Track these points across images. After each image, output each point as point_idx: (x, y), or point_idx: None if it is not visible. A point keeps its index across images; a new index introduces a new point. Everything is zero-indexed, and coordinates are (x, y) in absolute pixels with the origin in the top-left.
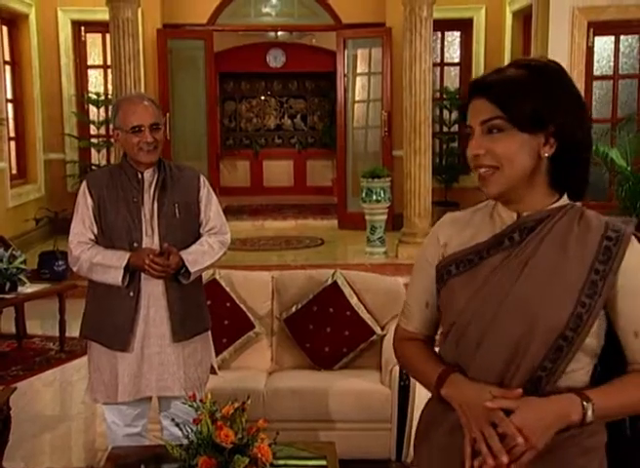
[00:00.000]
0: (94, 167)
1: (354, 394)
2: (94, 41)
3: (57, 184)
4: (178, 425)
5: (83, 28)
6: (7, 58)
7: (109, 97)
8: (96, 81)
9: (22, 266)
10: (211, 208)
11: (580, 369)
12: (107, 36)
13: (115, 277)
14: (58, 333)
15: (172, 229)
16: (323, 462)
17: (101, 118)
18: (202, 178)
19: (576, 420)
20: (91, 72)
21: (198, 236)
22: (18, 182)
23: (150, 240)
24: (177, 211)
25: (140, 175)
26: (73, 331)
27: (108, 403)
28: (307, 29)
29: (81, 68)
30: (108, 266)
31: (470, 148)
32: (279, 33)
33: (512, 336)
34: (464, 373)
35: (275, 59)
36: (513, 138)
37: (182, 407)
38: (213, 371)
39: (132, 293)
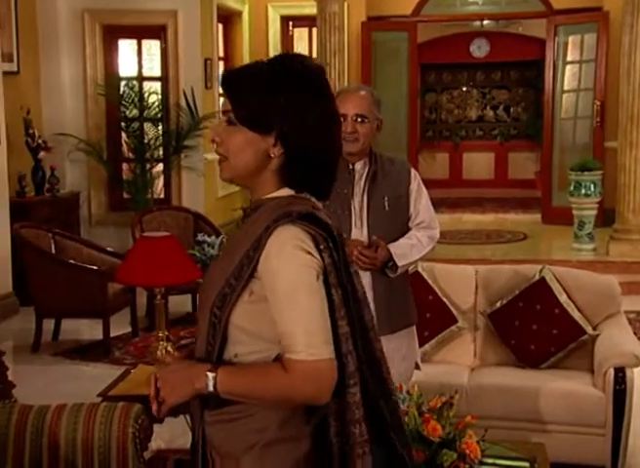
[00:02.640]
0: None
1: (564, 395)
2: (300, 35)
3: None
4: None
5: (291, 23)
6: (221, 53)
7: None
8: None
9: None
10: (421, 201)
11: (254, 353)
12: (314, 30)
13: None
14: None
15: (380, 222)
16: (534, 464)
17: None
18: (413, 172)
19: (199, 388)
20: None
21: (406, 230)
22: None
23: (359, 232)
24: (386, 203)
25: (351, 167)
26: None
27: None
28: (516, 17)
29: None
30: None
31: (210, 134)
32: (485, 22)
33: (200, 315)
34: None
35: (479, 49)
36: (243, 135)
37: None
38: (416, 367)
39: None
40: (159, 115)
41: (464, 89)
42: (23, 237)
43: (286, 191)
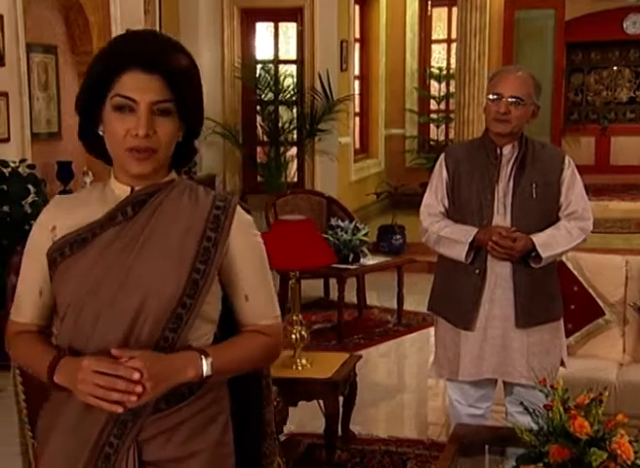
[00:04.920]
0: (432, 142)
1: None
2: (439, 15)
3: (395, 159)
4: (526, 409)
5: (430, 3)
6: (357, 35)
7: (451, 71)
8: (439, 56)
9: (365, 239)
10: (573, 191)
11: (202, 336)
12: (453, 10)
13: (460, 252)
14: (395, 306)
15: (526, 210)
16: None
17: (442, 93)
18: (567, 159)
19: (193, 375)
20: (434, 47)
21: (555, 219)
22: (360, 157)
23: (502, 218)
24: (534, 191)
25: (498, 151)
26: (409, 304)
27: (452, 380)
28: None
29: (425, 43)
30: (455, 240)
31: (141, 127)
32: None
33: (129, 310)
34: (82, 355)
35: (634, 25)
36: (174, 124)
37: (531, 391)
38: (562, 364)
39: (478, 271)
40: (294, 98)
41: (615, 68)
42: None
43: (174, 174)
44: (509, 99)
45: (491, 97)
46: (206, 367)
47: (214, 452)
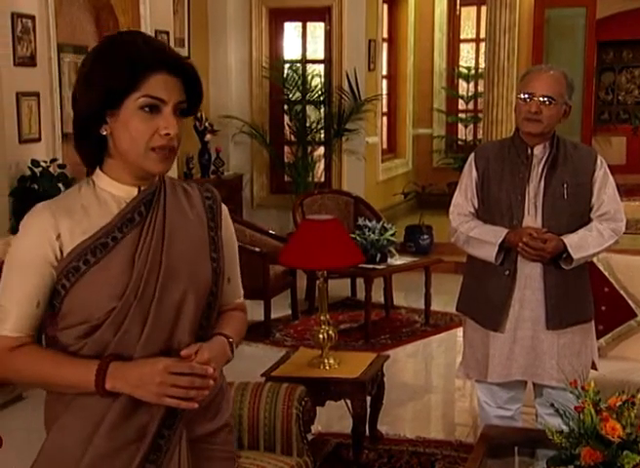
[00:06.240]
0: (460, 142)
1: None
2: (468, 14)
3: (423, 159)
4: (557, 411)
5: (458, 2)
6: (385, 35)
7: (479, 71)
8: (467, 55)
9: (392, 239)
10: (606, 191)
11: None
12: (482, 9)
13: (489, 253)
14: (422, 306)
15: (557, 210)
16: None
17: (470, 93)
18: (599, 159)
19: (231, 356)
20: (462, 46)
21: (587, 220)
22: (387, 157)
23: (532, 219)
24: (565, 191)
25: (529, 151)
26: (436, 304)
27: (480, 381)
28: None
29: (453, 43)
30: (484, 241)
31: (172, 126)
32: None
33: (172, 307)
34: (123, 359)
35: None
36: (183, 123)
37: (562, 393)
38: (593, 367)
39: (507, 272)
40: (321, 98)
41: None
42: None
43: None
44: (541, 99)
45: (522, 96)
46: (234, 347)
47: (230, 424)
